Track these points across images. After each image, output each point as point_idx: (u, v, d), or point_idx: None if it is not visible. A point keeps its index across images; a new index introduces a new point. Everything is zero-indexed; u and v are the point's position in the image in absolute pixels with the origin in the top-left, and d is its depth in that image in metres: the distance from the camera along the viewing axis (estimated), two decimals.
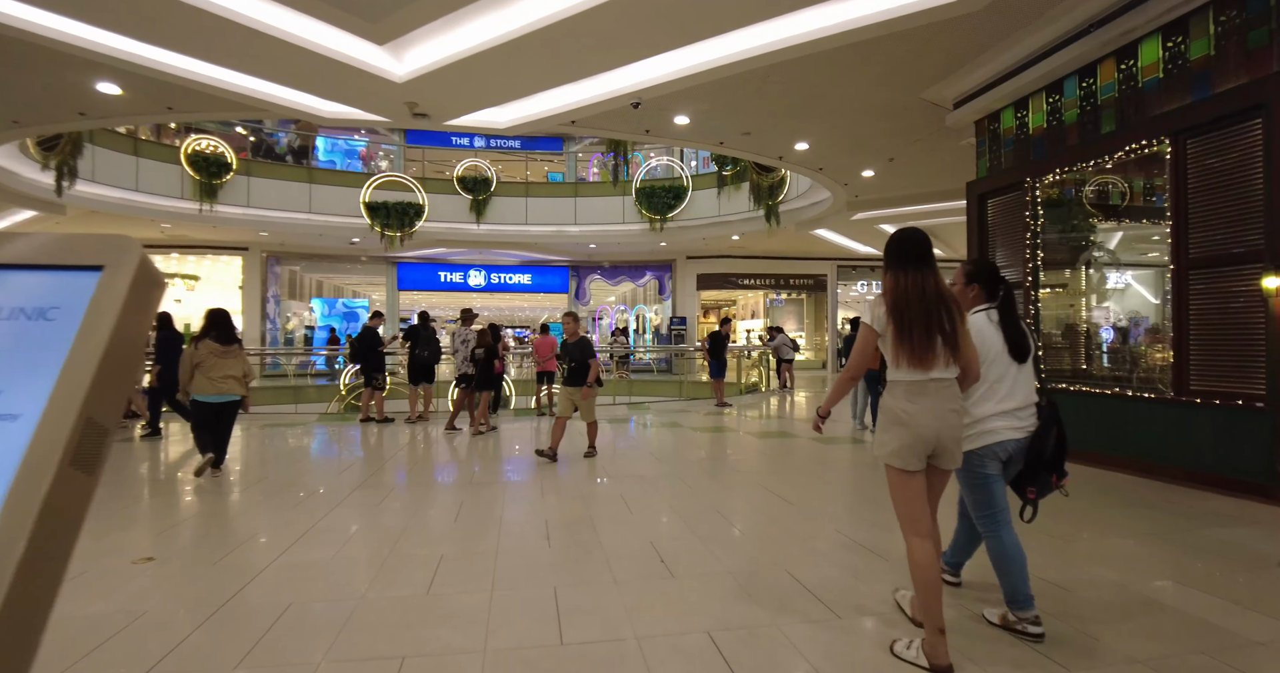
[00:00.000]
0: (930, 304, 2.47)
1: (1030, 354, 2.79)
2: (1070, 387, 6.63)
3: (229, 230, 17.91)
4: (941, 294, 2.51)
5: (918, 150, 10.51)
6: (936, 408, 2.47)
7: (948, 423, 2.48)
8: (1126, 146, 5.99)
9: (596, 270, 23.27)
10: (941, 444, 2.49)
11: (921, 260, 2.55)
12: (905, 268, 2.54)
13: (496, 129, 8.85)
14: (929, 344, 2.45)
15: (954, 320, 2.49)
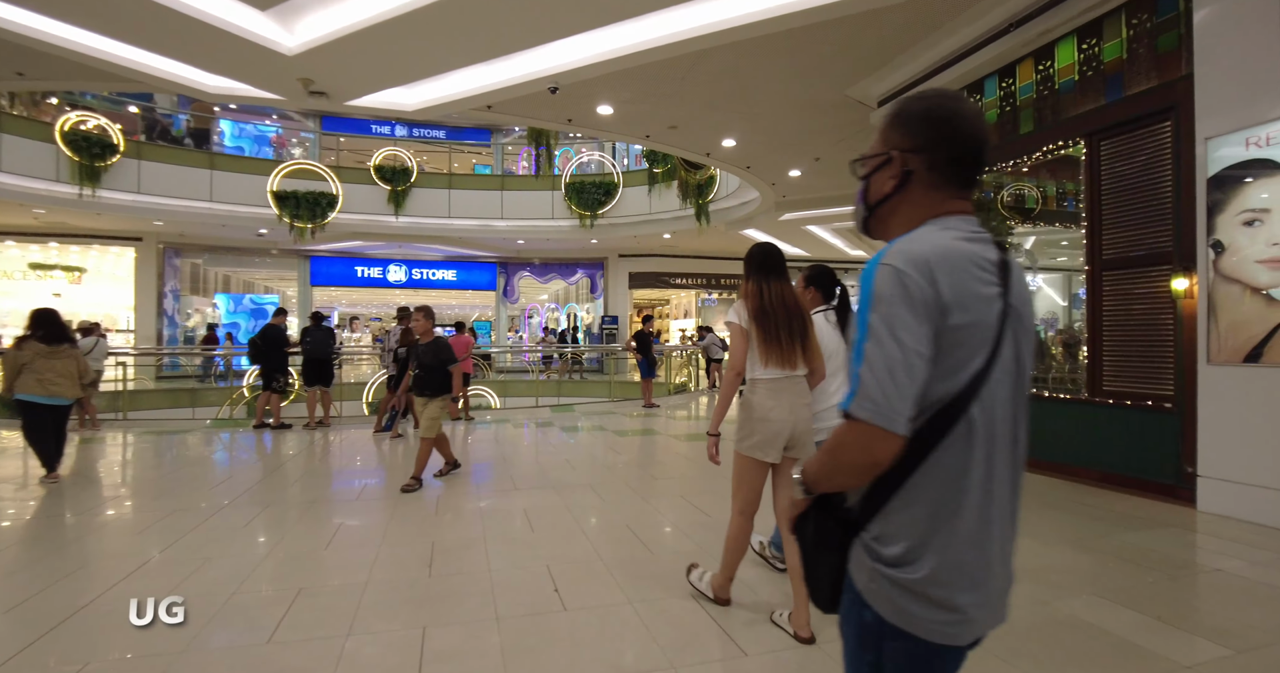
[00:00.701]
0: (791, 313, 2.75)
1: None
2: None
3: (117, 219, 16.34)
4: (797, 302, 2.79)
5: (843, 151, 10.47)
6: (792, 403, 2.74)
7: (801, 416, 2.75)
8: (1044, 147, 5.97)
9: (526, 267, 22.61)
10: (795, 436, 2.75)
11: (780, 272, 2.81)
12: (768, 278, 2.78)
13: (404, 112, 8.21)
14: (791, 346, 2.72)
15: (807, 326, 2.79)
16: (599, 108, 8.58)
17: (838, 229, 17.65)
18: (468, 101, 8.04)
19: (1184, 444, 4.76)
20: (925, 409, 1.03)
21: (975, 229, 1.12)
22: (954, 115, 1.12)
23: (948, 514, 1.05)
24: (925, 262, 1.02)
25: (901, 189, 1.15)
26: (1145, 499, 4.90)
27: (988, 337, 1.04)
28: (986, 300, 1.05)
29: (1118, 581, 3.29)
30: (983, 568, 1.06)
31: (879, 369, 0.99)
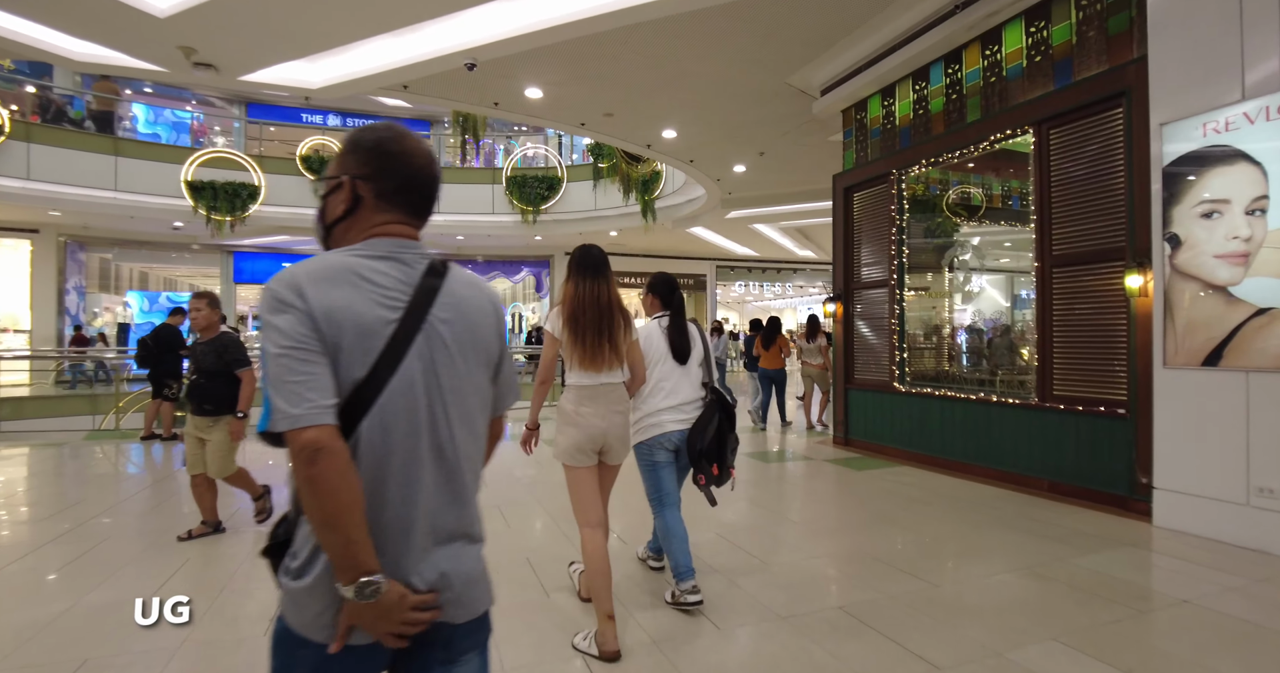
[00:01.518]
0: (602, 312, 2.67)
1: (691, 356, 3.04)
2: (935, 391, 6.25)
3: (6, 208, 14.86)
4: (613, 304, 2.71)
5: (787, 145, 10.09)
6: (604, 410, 2.70)
7: (613, 423, 2.72)
8: (992, 136, 5.63)
9: (468, 265, 21.57)
10: (608, 443, 2.72)
11: (597, 272, 2.74)
12: (584, 279, 2.72)
13: (309, 89, 7.41)
14: (599, 349, 2.65)
15: (620, 329, 2.71)
16: (527, 90, 7.94)
17: (785, 228, 17.39)
18: (379, 79, 7.30)
19: (1138, 453, 4.43)
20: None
21: (398, 249, 1.15)
22: (402, 151, 1.19)
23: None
24: (294, 278, 1.06)
25: (352, 213, 1.19)
26: (1099, 512, 4.56)
27: (373, 348, 1.07)
28: (371, 315, 1.07)
29: (1079, 619, 2.86)
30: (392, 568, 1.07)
31: (275, 382, 1.00)
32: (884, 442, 6.82)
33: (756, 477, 5.92)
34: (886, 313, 6.81)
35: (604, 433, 2.69)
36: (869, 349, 7.16)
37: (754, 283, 24.47)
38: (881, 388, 6.85)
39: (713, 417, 2.97)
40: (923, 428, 6.33)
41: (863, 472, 6.05)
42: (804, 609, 2.99)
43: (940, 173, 7.25)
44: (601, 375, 2.69)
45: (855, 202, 7.37)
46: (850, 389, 7.31)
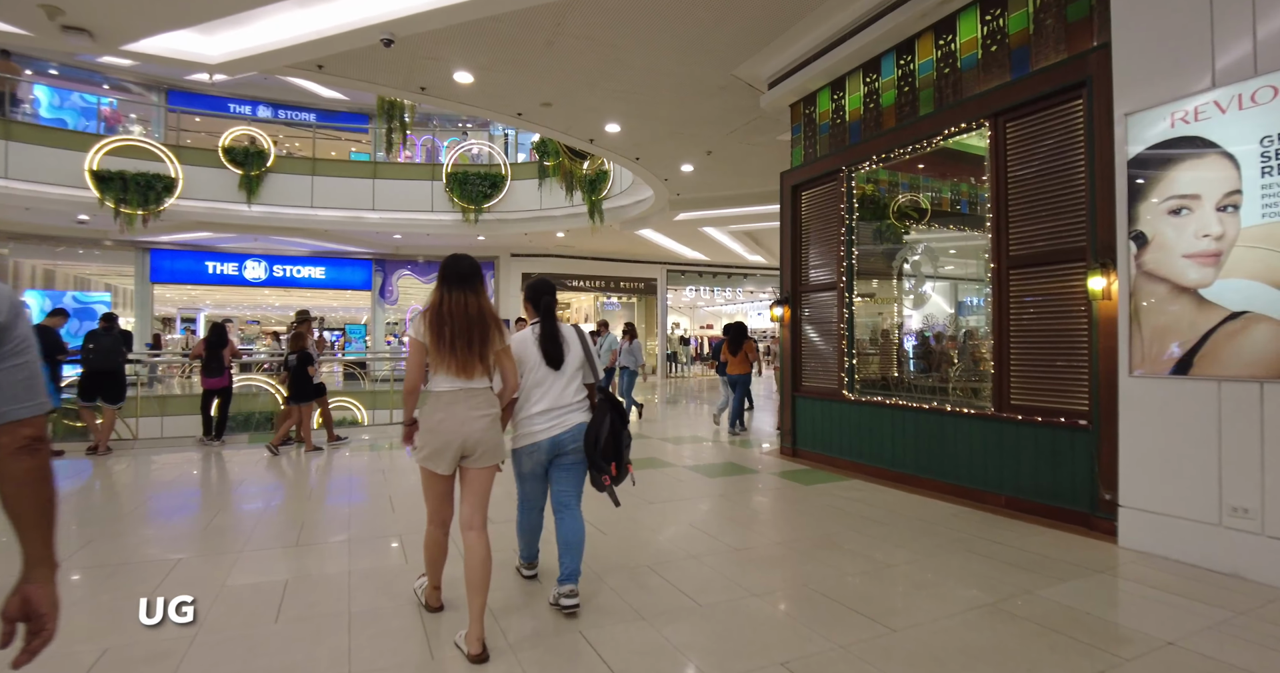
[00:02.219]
0: (470, 320, 2.73)
1: (566, 360, 3.09)
2: (885, 400, 5.90)
3: None
4: (481, 312, 2.77)
5: (735, 144, 9.73)
6: (465, 415, 2.73)
7: (475, 428, 2.73)
8: (946, 130, 5.31)
9: (407, 265, 20.74)
10: (469, 447, 2.74)
11: (465, 281, 2.79)
12: (450, 287, 2.77)
13: (207, 65, 6.63)
14: (468, 356, 2.71)
15: (487, 336, 2.76)
16: (455, 74, 7.32)
17: (734, 233, 17.12)
18: (287, 56, 6.58)
19: (1102, 468, 4.12)
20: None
21: None
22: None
23: None
24: None
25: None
26: (1062, 532, 4.24)
27: None
28: None
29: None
30: None
31: None
32: (833, 453, 6.44)
33: (696, 493, 5.44)
34: (835, 317, 6.45)
35: (462, 438, 2.72)
36: (817, 355, 6.79)
37: (705, 288, 24.18)
38: (830, 396, 6.48)
39: (604, 417, 3.06)
40: (873, 439, 5.97)
41: (811, 486, 5.64)
42: (739, 668, 2.49)
43: (889, 174, 6.96)
44: (466, 381, 2.75)
45: (803, 201, 7.01)
46: (798, 397, 6.92)
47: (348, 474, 6.52)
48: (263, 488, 5.83)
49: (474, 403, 2.75)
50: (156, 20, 5.88)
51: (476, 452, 2.75)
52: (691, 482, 5.85)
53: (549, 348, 3.07)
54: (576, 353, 3.15)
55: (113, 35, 6.06)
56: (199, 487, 6.09)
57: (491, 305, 2.86)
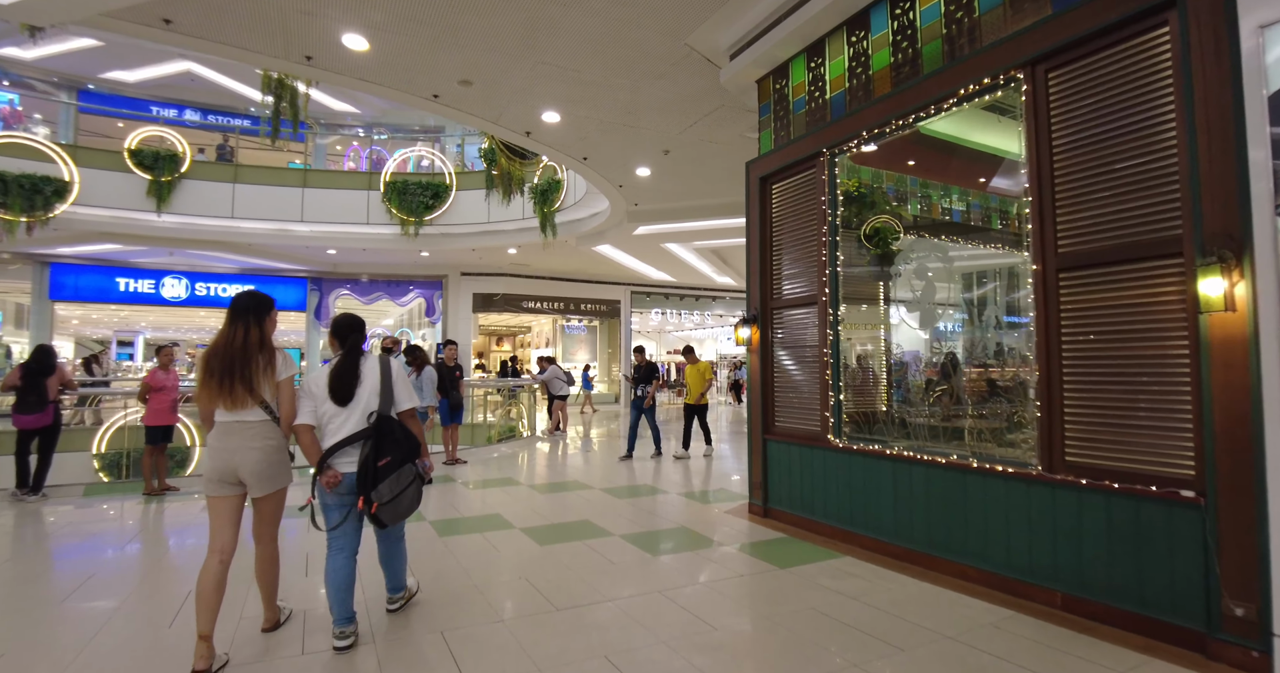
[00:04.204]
0: (236, 355, 2.89)
1: (358, 393, 3.05)
2: (886, 449, 4.47)
3: None
4: (249, 347, 2.92)
5: (696, 141, 8.42)
6: (237, 445, 2.89)
7: (248, 458, 2.89)
8: (961, 89, 3.99)
9: (346, 284, 19.01)
10: (242, 476, 2.91)
11: (241, 315, 2.97)
12: (229, 321, 2.96)
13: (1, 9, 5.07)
14: (231, 389, 2.86)
15: (253, 371, 2.91)
16: (344, 37, 5.87)
17: (700, 251, 15.82)
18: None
19: (1225, 565, 2.72)
20: None
21: None
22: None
23: None
24: None
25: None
26: (1158, 658, 2.81)
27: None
28: None
29: None
30: None
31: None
32: (816, 515, 4.97)
33: (627, 587, 3.91)
34: (816, 340, 5.04)
35: (234, 467, 2.89)
36: (793, 388, 5.36)
37: (672, 311, 22.82)
38: (811, 441, 5.04)
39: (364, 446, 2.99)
40: (870, 500, 4.52)
41: (789, 571, 4.15)
42: None
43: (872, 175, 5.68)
44: (237, 413, 2.90)
45: (774, 195, 5.65)
46: (770, 441, 5.46)
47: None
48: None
49: (250, 434, 2.91)
50: None
51: (248, 480, 2.92)
52: (625, 564, 4.31)
53: (335, 384, 3.04)
54: (369, 385, 3.09)
55: None
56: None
57: (264, 337, 2.99)
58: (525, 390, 13.07)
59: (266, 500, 2.99)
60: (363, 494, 2.92)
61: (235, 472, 2.88)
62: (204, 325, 25.14)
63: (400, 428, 3.06)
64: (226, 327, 2.94)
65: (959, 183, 6.81)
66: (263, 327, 2.98)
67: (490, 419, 12.94)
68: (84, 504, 6.23)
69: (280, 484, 3.00)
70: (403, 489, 3.00)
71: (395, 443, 3.01)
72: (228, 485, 2.92)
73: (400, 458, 3.01)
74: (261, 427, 2.93)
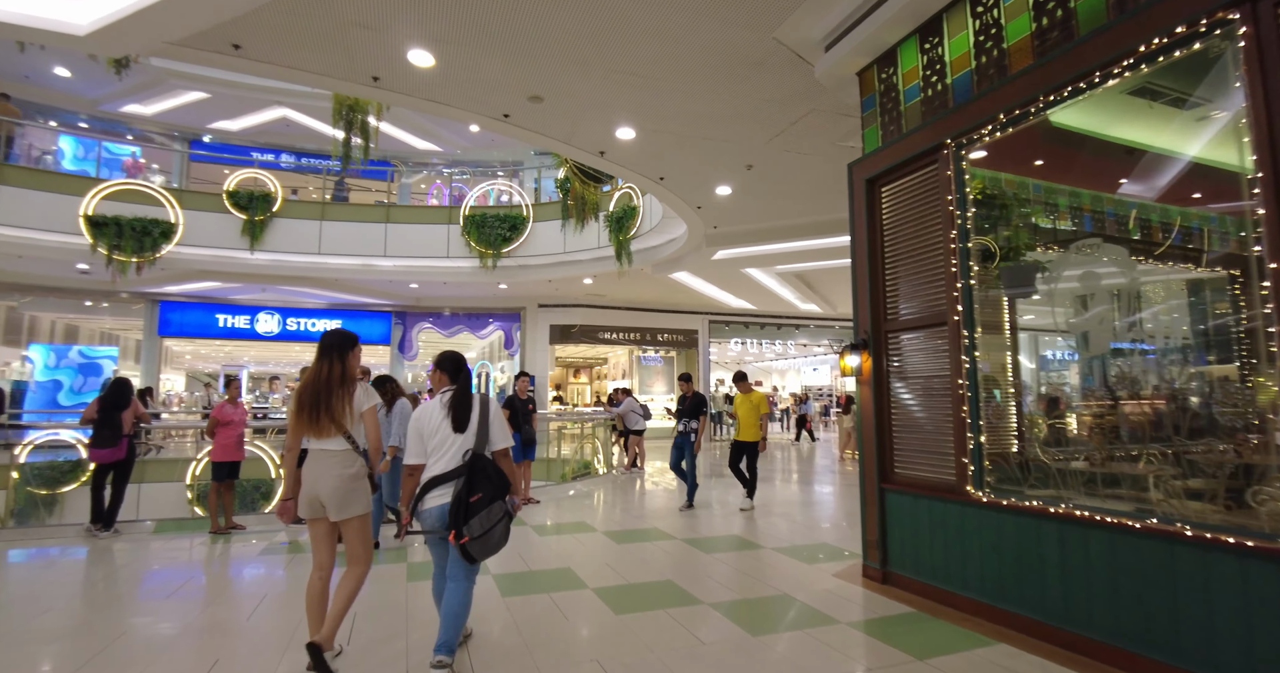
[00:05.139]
0: (322, 388, 3.14)
1: (467, 426, 3.19)
2: (1050, 506, 3.52)
3: None
4: (333, 381, 3.16)
5: (782, 154, 7.73)
6: (321, 473, 3.11)
7: (327, 485, 3.10)
8: (1141, 45, 3.13)
9: (428, 318, 19.26)
10: (323, 501, 3.11)
11: (327, 351, 3.22)
12: (318, 357, 3.23)
13: (75, 37, 5.07)
14: (317, 420, 3.10)
15: (336, 403, 3.14)
16: (409, 53, 5.60)
17: (783, 275, 14.93)
18: (181, 23, 4.97)
19: None
20: None
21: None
22: None
23: None
24: None
25: None
26: None
27: None
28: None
29: None
30: None
31: None
32: (953, 585, 4.03)
33: (733, 668, 3.12)
34: (948, 368, 4.16)
35: (316, 493, 3.10)
36: (917, 427, 4.47)
37: (752, 340, 21.87)
38: (945, 493, 4.13)
39: (458, 483, 3.09)
40: (1030, 571, 3.56)
41: (930, 663, 3.24)
42: None
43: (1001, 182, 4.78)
44: (322, 442, 3.14)
45: (884, 198, 4.85)
46: (889, 491, 4.57)
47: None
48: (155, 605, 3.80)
49: (331, 463, 3.12)
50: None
51: (328, 505, 3.11)
52: (719, 646, 3.52)
53: (455, 412, 3.20)
54: (475, 420, 3.21)
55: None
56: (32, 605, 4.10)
57: (347, 372, 3.22)
58: (601, 424, 12.47)
59: (347, 525, 3.17)
60: (454, 528, 2.97)
61: (315, 496, 3.10)
62: (299, 359, 26.16)
63: (492, 466, 3.14)
64: (315, 362, 3.21)
65: (1093, 185, 5.79)
66: (345, 362, 3.22)
67: (564, 454, 12.42)
68: (151, 542, 6.03)
69: (357, 510, 3.16)
70: (492, 525, 3.03)
71: (487, 479, 3.08)
72: (310, 508, 3.14)
73: (491, 495, 3.06)
74: (343, 455, 3.14)
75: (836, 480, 10.62)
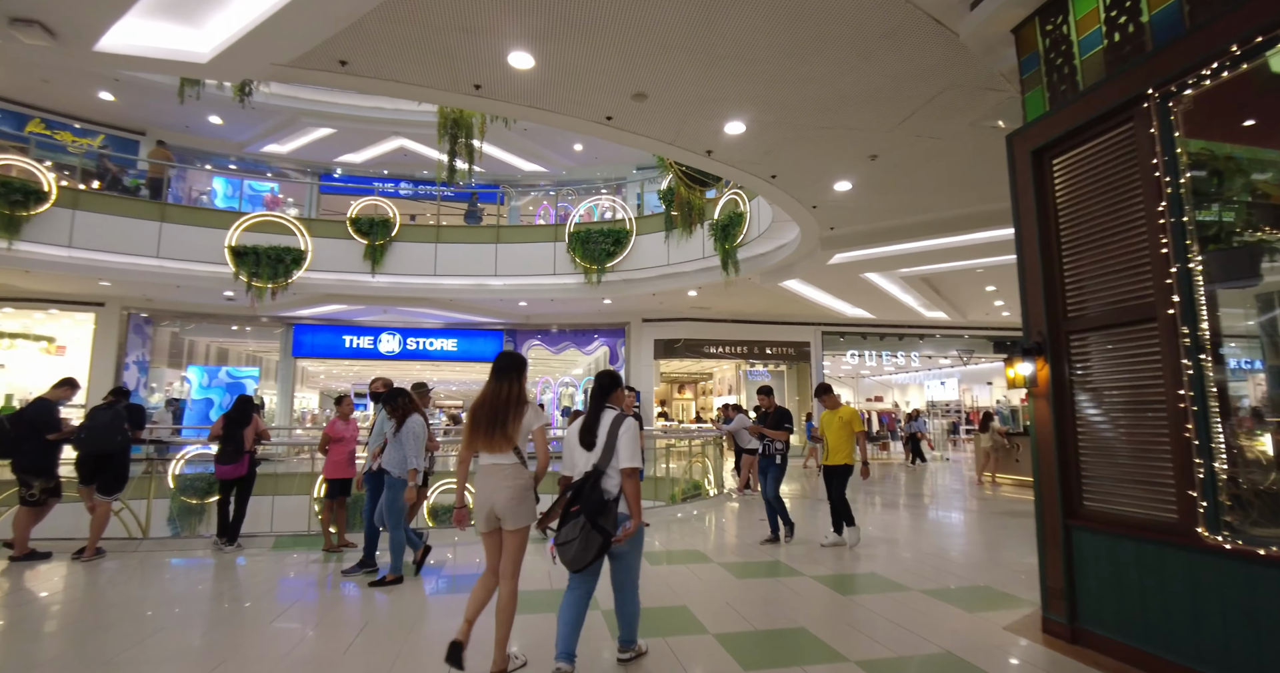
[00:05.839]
0: (499, 407, 3.34)
1: (598, 443, 3.33)
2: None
3: (62, 279, 14.35)
4: (510, 401, 3.36)
5: (912, 140, 6.91)
6: (495, 485, 3.31)
7: (500, 495, 3.29)
8: None
9: (538, 335, 19.50)
10: (497, 511, 3.30)
11: (505, 372, 3.43)
12: (494, 378, 3.43)
13: (198, 64, 5.24)
14: (491, 436, 3.31)
15: (510, 420, 3.33)
16: (510, 55, 5.40)
17: (907, 279, 13.74)
18: (294, 43, 5.02)
19: None
20: None
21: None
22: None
23: None
24: None
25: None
26: None
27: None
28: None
29: None
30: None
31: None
32: (1173, 653, 3.12)
33: None
34: (1158, 375, 3.28)
35: (490, 504, 3.29)
36: (1112, 451, 3.58)
37: (871, 352, 20.46)
38: (1159, 534, 3.23)
39: (579, 488, 3.31)
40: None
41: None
42: None
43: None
44: (494, 457, 3.34)
45: (1056, 172, 4.02)
46: (1078, 528, 3.69)
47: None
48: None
49: (501, 475, 3.31)
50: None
51: (502, 515, 3.30)
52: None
53: (583, 435, 3.39)
54: (601, 441, 3.33)
55: (76, 29, 4.80)
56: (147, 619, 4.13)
57: (520, 391, 3.42)
58: (710, 442, 11.85)
59: (512, 536, 3.32)
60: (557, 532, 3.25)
61: (488, 507, 3.29)
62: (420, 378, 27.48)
63: (596, 489, 3.22)
64: (491, 382, 3.41)
65: None
66: (521, 383, 3.44)
67: (672, 472, 11.92)
68: (268, 558, 6.10)
69: (525, 521, 3.33)
70: (572, 538, 3.15)
71: (586, 498, 3.21)
72: (483, 520, 3.32)
73: (585, 510, 3.18)
74: (512, 469, 3.32)
75: (976, 507, 9.41)
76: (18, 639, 3.95)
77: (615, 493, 3.23)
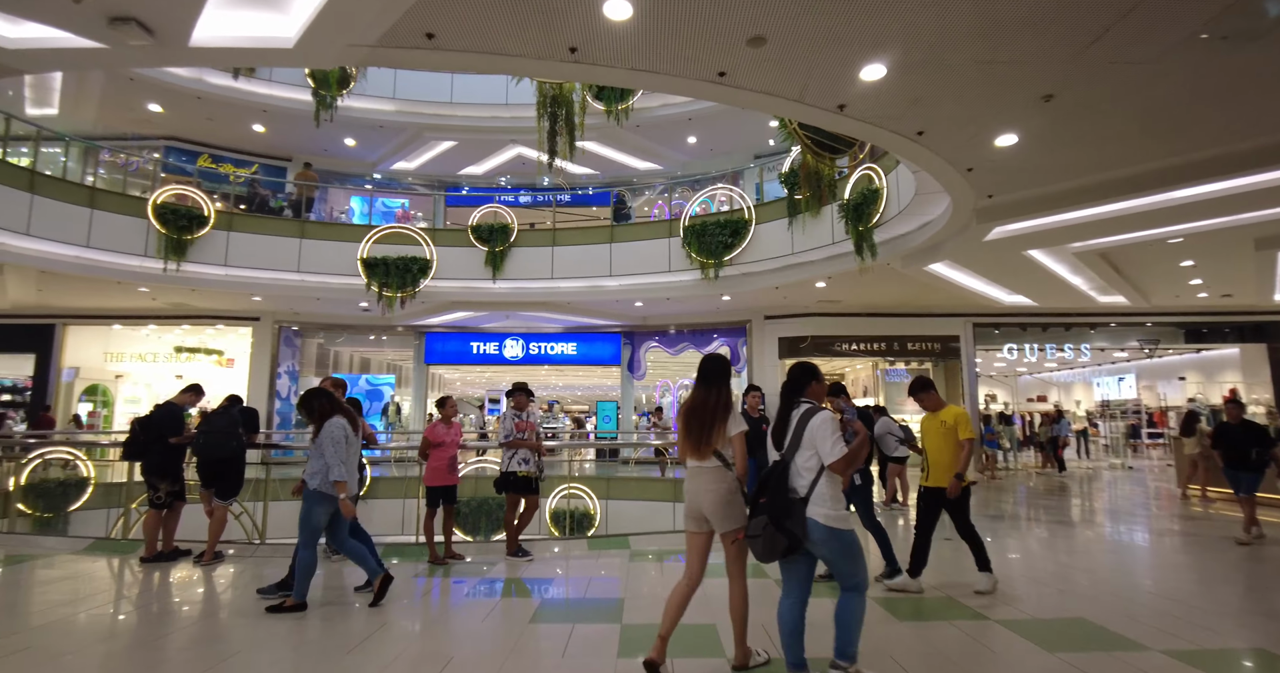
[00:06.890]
0: (706, 413, 3.40)
1: (787, 444, 3.29)
2: None
3: (220, 296, 15.66)
4: (716, 407, 3.40)
5: (1096, 69, 5.47)
6: (700, 488, 3.38)
7: (706, 499, 3.36)
8: None
9: (655, 336, 18.95)
10: (705, 513, 3.37)
11: (712, 379, 3.50)
12: (701, 384, 3.51)
13: (285, 49, 5.01)
14: (697, 441, 3.39)
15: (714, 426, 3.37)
16: (606, 4, 4.71)
17: (1078, 254, 11.59)
18: (377, 20, 4.66)
19: None
20: None
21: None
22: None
23: None
24: None
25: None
26: None
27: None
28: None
29: None
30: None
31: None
32: None
33: None
34: None
35: (698, 506, 3.39)
36: None
37: (1031, 345, 17.91)
38: None
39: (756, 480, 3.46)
40: None
41: None
42: None
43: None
44: (699, 461, 3.41)
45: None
46: None
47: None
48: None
49: (706, 479, 3.37)
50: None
51: (710, 517, 3.35)
52: None
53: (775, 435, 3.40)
54: (792, 436, 3.30)
55: (170, 26, 4.69)
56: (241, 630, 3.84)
57: (725, 398, 3.45)
58: None
59: (727, 538, 3.32)
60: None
61: (697, 509, 3.37)
62: (546, 382, 27.80)
63: (782, 484, 3.17)
64: (699, 388, 3.49)
65: None
66: (727, 388, 3.50)
67: None
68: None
69: (736, 524, 3.31)
70: (757, 534, 3.11)
71: (772, 494, 3.15)
72: (693, 521, 3.41)
73: (766, 509, 3.12)
74: (715, 472, 3.35)
75: (1193, 530, 7.54)
76: (132, 642, 3.75)
77: (804, 492, 3.10)
